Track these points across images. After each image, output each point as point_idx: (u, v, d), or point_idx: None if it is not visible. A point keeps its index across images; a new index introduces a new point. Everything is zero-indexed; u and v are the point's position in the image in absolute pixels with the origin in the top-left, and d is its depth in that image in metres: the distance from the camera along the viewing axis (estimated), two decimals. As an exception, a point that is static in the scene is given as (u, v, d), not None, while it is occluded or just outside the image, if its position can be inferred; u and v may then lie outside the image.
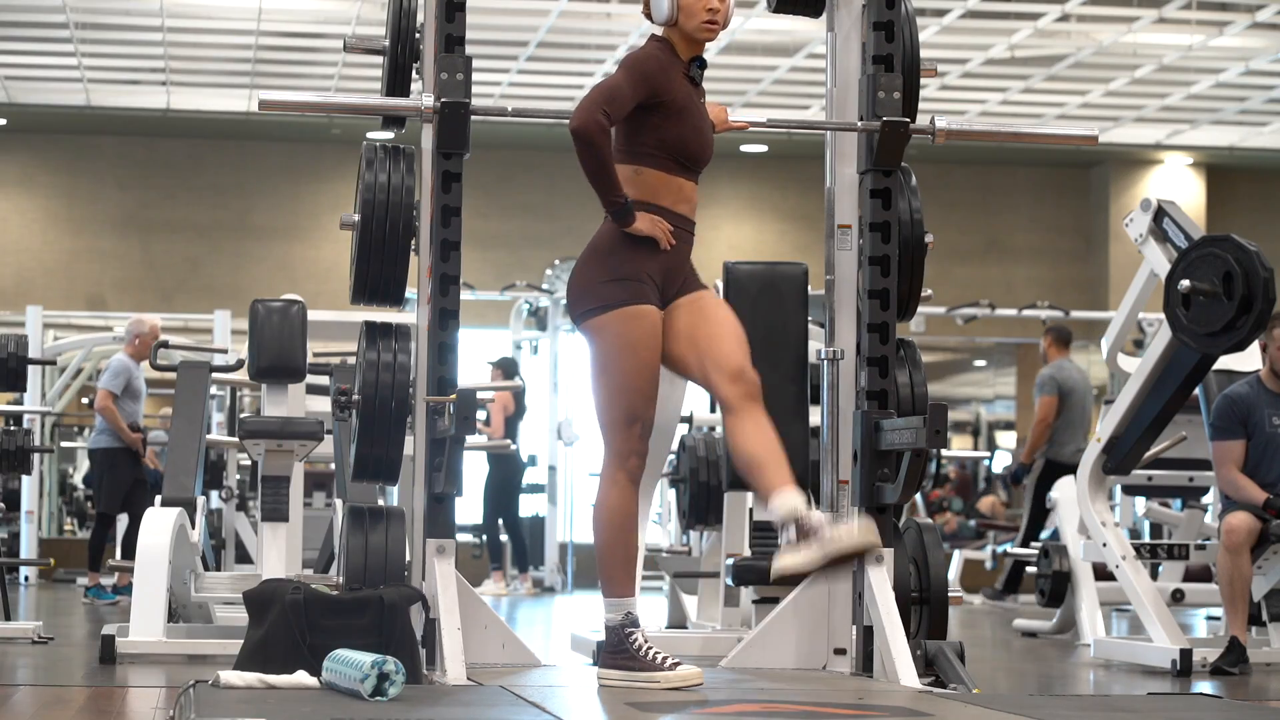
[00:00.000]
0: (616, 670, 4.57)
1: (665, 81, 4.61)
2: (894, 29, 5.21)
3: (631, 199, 4.62)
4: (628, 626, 4.56)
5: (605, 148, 4.52)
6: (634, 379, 4.59)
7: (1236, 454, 7.04)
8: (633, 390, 4.59)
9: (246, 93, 16.28)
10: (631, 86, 4.56)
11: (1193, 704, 4.98)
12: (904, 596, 5.21)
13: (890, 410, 5.18)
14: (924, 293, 5.45)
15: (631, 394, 4.59)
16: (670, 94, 4.61)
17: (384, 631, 4.72)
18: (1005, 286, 17.98)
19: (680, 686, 4.46)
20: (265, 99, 5.04)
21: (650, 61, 4.62)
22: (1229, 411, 7.05)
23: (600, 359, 4.62)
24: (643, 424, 4.61)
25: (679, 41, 4.70)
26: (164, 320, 16.40)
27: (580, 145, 4.49)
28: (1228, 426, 7.04)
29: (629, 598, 4.61)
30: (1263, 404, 7.07)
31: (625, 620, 4.57)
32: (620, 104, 4.54)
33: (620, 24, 14.52)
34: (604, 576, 4.61)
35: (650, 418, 4.64)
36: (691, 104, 4.68)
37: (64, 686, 5.63)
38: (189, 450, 7.74)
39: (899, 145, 5.18)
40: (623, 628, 4.56)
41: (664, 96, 4.60)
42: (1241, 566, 6.82)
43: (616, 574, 4.60)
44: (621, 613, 4.58)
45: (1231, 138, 17.68)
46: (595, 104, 4.50)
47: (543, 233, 18.03)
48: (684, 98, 4.66)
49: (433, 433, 5.03)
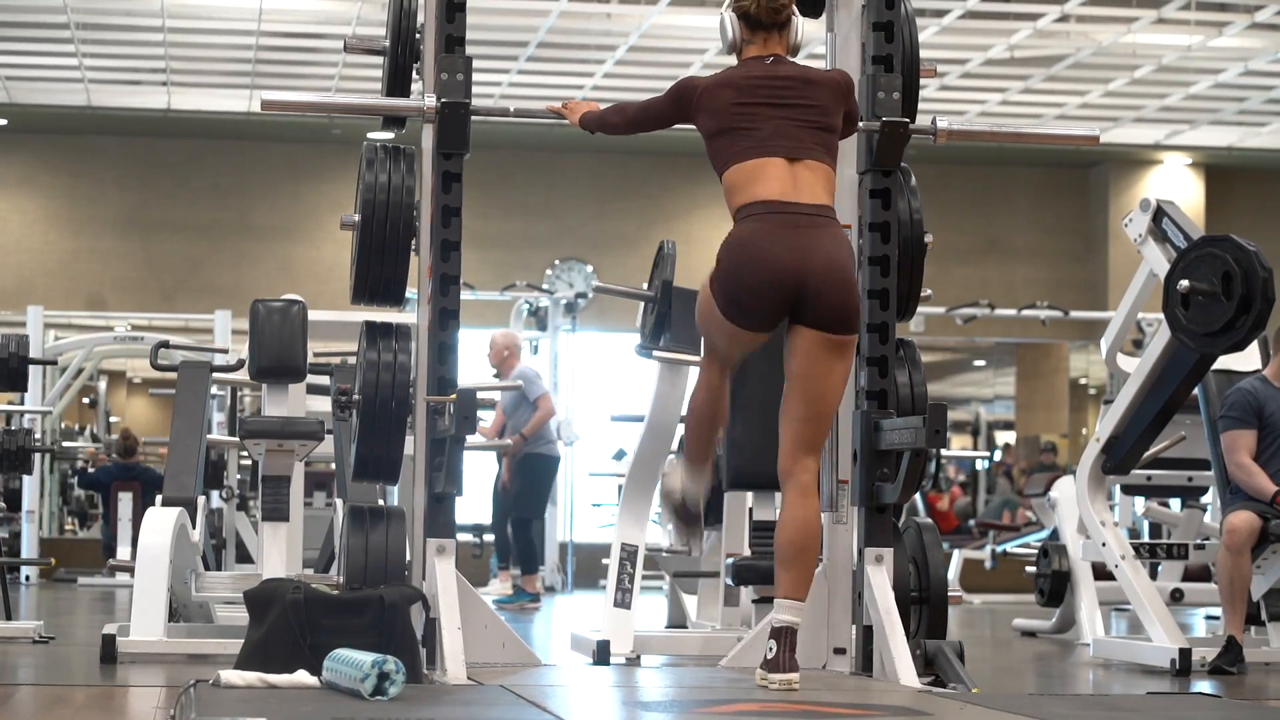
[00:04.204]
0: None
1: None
2: (893, 29, 5.23)
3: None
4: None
5: None
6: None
7: (1249, 443, 7.03)
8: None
9: (247, 93, 16.28)
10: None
11: (1192, 703, 4.99)
12: (903, 596, 5.22)
13: (890, 410, 5.19)
14: (924, 293, 5.46)
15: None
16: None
17: (384, 631, 4.73)
18: (1005, 286, 17.98)
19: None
20: (267, 99, 5.06)
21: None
22: (1244, 402, 7.05)
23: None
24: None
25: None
26: (164, 320, 16.50)
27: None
28: (1242, 416, 7.04)
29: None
30: (1273, 400, 7.09)
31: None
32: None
33: (620, 24, 14.51)
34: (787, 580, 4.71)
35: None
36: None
37: (65, 686, 5.63)
38: (189, 450, 7.74)
39: (898, 145, 5.19)
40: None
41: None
42: (1242, 566, 6.83)
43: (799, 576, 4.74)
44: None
45: (1230, 138, 17.68)
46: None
47: (543, 233, 18.03)
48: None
49: (433, 432, 5.04)
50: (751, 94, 4.76)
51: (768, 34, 4.86)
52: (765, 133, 4.73)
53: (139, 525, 6.97)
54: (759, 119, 4.74)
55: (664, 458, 7.24)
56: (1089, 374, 20.81)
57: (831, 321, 4.67)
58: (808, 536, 4.69)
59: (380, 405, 5.05)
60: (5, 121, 17.34)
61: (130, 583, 6.73)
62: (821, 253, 4.65)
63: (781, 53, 4.86)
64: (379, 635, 4.69)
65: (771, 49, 4.86)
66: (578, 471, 13.34)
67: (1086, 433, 17.24)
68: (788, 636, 4.60)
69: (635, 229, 17.93)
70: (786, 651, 4.59)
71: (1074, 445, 19.62)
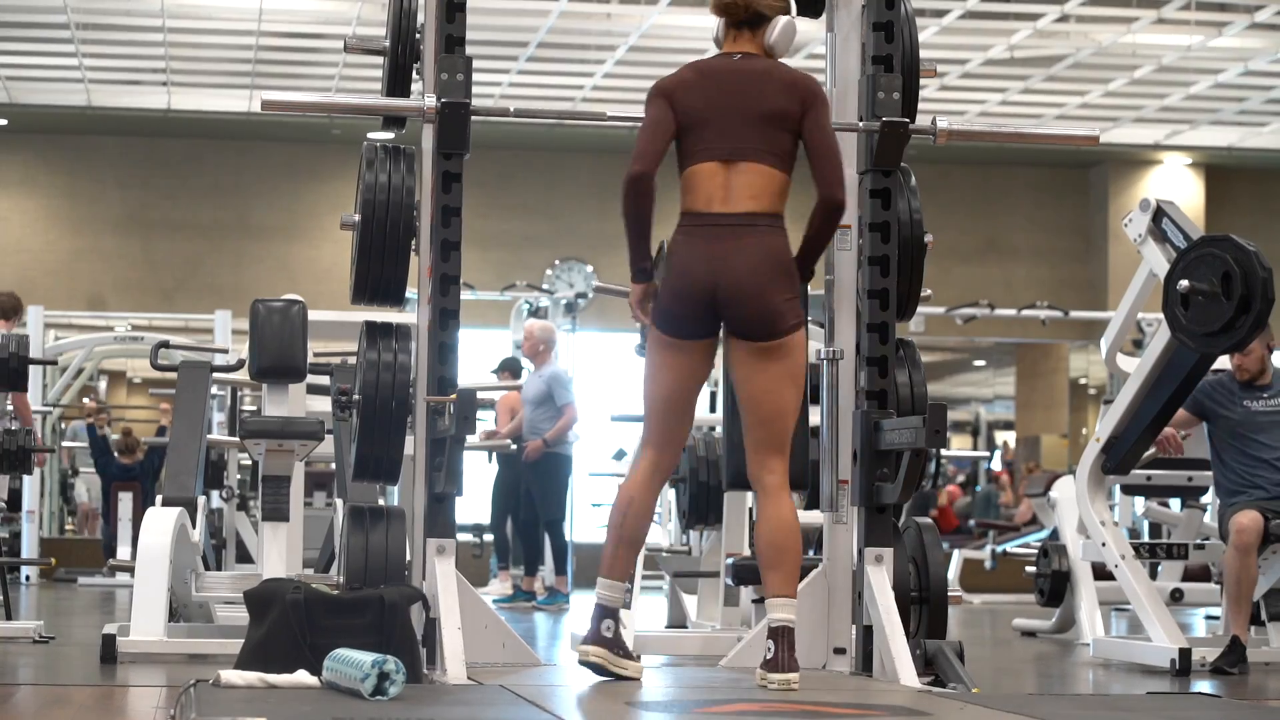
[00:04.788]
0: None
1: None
2: (893, 29, 5.23)
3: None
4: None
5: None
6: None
7: (1182, 417, 7.15)
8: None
9: (247, 93, 16.28)
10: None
11: (1191, 703, 4.99)
12: (903, 596, 5.22)
13: (890, 410, 5.19)
14: (923, 293, 5.46)
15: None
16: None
17: (384, 631, 4.73)
18: (1004, 286, 17.99)
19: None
20: (267, 99, 5.06)
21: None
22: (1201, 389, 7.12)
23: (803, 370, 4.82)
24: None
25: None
26: (165, 320, 16.51)
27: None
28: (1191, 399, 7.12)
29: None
30: (1230, 398, 7.15)
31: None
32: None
33: (620, 24, 14.52)
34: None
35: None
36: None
37: (65, 686, 5.63)
38: (190, 450, 7.74)
39: (898, 145, 5.19)
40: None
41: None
42: (1249, 566, 6.83)
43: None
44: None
45: (1230, 138, 17.69)
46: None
47: (543, 233, 18.03)
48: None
49: (433, 432, 5.04)
50: (703, 88, 4.78)
51: (738, 31, 4.87)
52: (709, 134, 4.76)
53: (139, 525, 6.97)
54: (707, 114, 4.76)
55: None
56: (1089, 374, 20.82)
57: (750, 330, 4.72)
58: (783, 534, 4.71)
59: (380, 405, 5.05)
60: (6, 121, 17.35)
61: (130, 583, 6.73)
62: (736, 262, 4.69)
63: (753, 50, 4.85)
64: (379, 635, 4.70)
65: (741, 46, 4.86)
66: (578, 471, 13.31)
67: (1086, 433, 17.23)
68: (785, 635, 4.61)
69: (635, 229, 17.92)
70: (785, 650, 4.59)
71: (1074, 445, 19.62)
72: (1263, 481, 7.05)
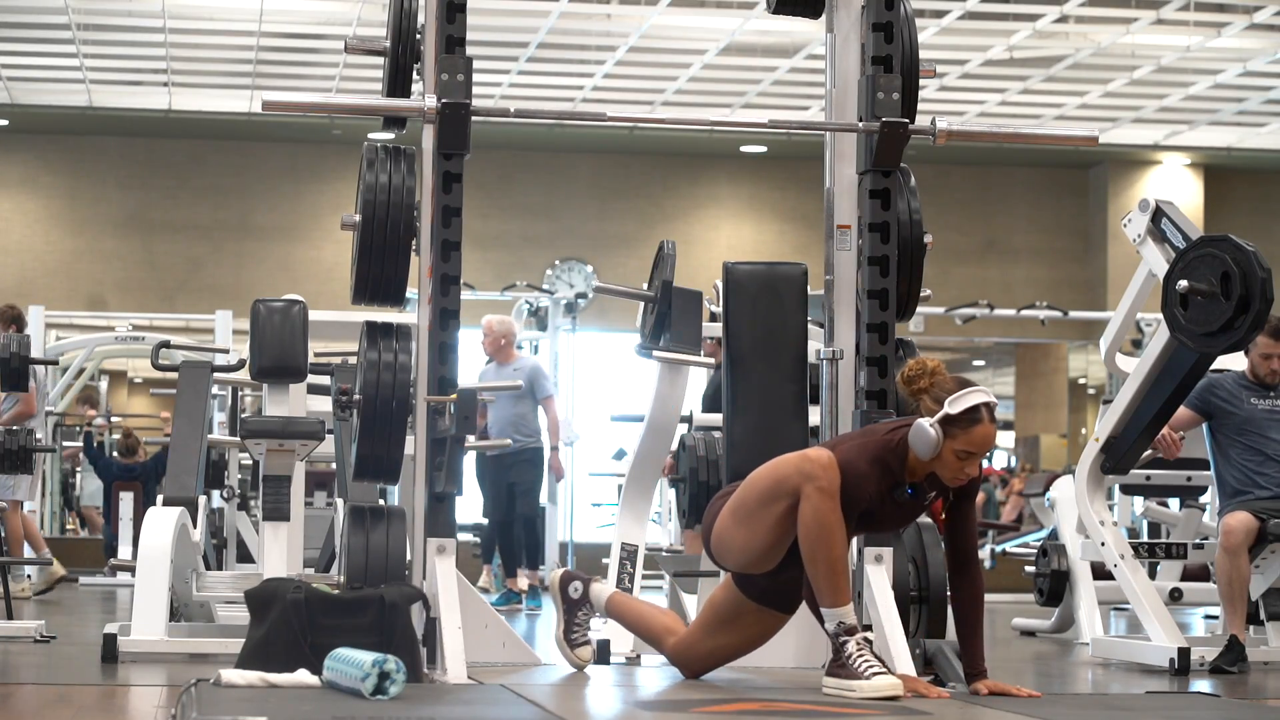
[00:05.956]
0: (832, 678, 4.53)
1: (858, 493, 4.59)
2: (893, 30, 5.24)
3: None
4: (840, 635, 4.53)
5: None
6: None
7: (1184, 417, 7.12)
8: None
9: (248, 93, 16.29)
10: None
11: (1191, 702, 5.00)
12: (903, 595, 5.23)
13: (889, 410, 5.20)
14: (923, 293, 5.47)
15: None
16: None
17: (385, 630, 4.74)
18: (1004, 287, 18.00)
19: (874, 697, 4.39)
20: (268, 99, 5.07)
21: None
22: (1204, 386, 7.12)
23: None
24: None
25: (916, 464, 4.64)
26: (165, 320, 16.51)
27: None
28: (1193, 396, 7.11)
29: (840, 607, 4.54)
30: (1237, 396, 7.16)
31: (837, 629, 4.54)
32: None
33: (620, 24, 14.52)
34: (816, 588, 4.57)
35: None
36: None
37: (66, 685, 5.63)
38: (190, 450, 7.75)
39: (898, 146, 5.20)
40: (836, 636, 4.54)
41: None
42: (1240, 567, 6.85)
43: (822, 584, 4.55)
44: (834, 622, 4.55)
45: (1229, 138, 17.69)
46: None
47: (543, 233, 18.04)
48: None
49: (433, 432, 5.05)
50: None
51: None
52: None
53: (140, 525, 6.98)
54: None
55: (664, 458, 7.26)
56: (1088, 374, 20.83)
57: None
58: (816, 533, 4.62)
59: (381, 405, 5.06)
60: (7, 122, 17.35)
61: (131, 582, 6.73)
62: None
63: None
64: (379, 635, 4.70)
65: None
66: (578, 471, 13.32)
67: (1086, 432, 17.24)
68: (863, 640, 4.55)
69: (635, 229, 17.94)
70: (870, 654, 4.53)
71: (1073, 445, 19.63)
72: (1266, 480, 7.07)
